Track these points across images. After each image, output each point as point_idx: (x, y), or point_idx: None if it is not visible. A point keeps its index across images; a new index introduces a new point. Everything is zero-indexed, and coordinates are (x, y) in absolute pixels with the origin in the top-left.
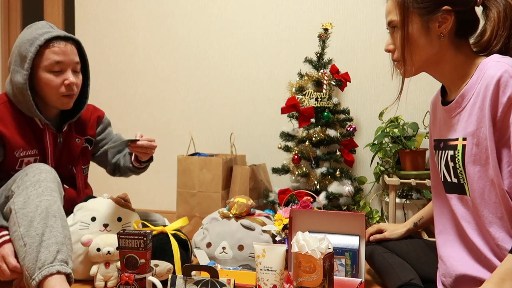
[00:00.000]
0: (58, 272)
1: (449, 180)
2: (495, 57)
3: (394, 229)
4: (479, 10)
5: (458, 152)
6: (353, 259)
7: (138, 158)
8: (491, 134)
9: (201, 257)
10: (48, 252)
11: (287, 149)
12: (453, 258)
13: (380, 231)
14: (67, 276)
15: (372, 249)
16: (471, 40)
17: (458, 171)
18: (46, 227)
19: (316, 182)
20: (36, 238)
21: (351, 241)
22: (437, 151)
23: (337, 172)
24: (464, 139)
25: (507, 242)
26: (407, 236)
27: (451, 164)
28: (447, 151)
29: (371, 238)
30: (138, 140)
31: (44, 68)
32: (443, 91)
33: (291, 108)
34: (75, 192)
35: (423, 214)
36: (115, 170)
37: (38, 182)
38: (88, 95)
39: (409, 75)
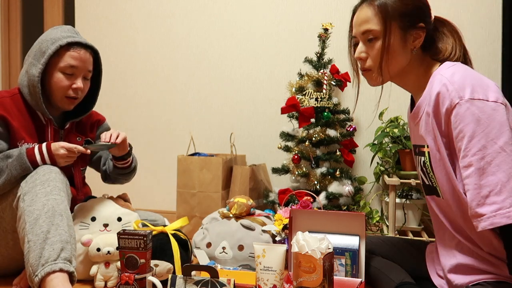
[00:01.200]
0: (61, 270)
1: (426, 183)
2: (443, 67)
3: None
4: None
5: (426, 159)
6: (353, 259)
7: (115, 156)
8: (441, 142)
9: (201, 257)
10: (52, 249)
11: (287, 149)
12: (442, 252)
13: None
14: (70, 274)
15: None
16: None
17: (430, 175)
18: (51, 225)
19: (316, 182)
20: (40, 235)
21: (351, 241)
22: (415, 156)
23: (337, 172)
24: (428, 146)
25: (480, 237)
26: (389, 237)
27: (424, 169)
28: (420, 157)
29: None
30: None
31: (58, 68)
32: (412, 100)
33: (291, 108)
34: (74, 191)
35: None
36: (106, 177)
37: (47, 181)
38: (96, 101)
39: (377, 84)
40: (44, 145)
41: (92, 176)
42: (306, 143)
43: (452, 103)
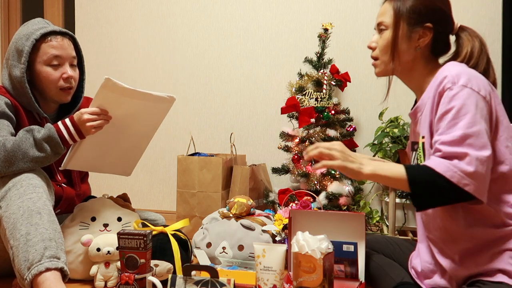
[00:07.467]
0: (48, 269)
1: None
2: (449, 64)
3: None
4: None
5: (420, 149)
6: (351, 266)
7: None
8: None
9: (201, 257)
10: (35, 250)
11: (287, 149)
12: (421, 254)
13: None
14: (61, 270)
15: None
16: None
17: None
18: (30, 226)
19: (316, 182)
20: (21, 239)
21: (349, 249)
22: (412, 153)
23: (337, 172)
24: (423, 137)
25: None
26: (394, 237)
27: (416, 162)
28: (414, 152)
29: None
30: None
31: (42, 62)
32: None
33: (291, 108)
34: (73, 191)
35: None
36: None
37: (19, 182)
38: (84, 90)
39: (379, 74)
40: (67, 119)
41: (92, 176)
42: (306, 143)
43: (445, 87)
